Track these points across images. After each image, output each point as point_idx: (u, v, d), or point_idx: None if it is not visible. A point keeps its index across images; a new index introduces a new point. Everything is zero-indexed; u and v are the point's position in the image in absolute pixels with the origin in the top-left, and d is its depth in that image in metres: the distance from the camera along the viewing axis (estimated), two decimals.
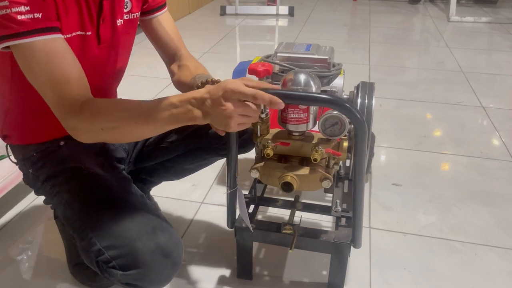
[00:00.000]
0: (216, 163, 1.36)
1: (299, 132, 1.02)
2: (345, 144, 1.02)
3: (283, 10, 4.35)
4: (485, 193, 1.66)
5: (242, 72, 1.28)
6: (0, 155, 1.48)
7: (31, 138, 1.07)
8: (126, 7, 1.04)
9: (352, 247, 1.10)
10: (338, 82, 1.21)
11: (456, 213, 1.55)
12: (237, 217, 1.16)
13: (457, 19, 4.17)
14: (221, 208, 1.54)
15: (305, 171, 1.00)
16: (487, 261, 1.33)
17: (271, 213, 1.52)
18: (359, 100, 1.14)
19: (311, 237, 1.12)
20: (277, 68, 1.17)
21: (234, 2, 4.36)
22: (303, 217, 1.25)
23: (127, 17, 1.05)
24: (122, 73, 1.15)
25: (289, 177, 0.98)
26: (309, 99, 0.87)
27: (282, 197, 1.31)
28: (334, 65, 1.21)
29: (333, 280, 1.19)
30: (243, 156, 1.30)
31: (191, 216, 1.51)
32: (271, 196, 1.36)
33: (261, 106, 0.83)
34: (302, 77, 0.94)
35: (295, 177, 0.99)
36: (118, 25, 1.02)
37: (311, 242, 1.13)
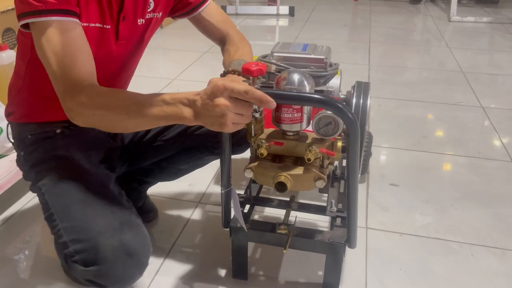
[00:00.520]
0: (213, 163, 1.36)
1: (293, 132, 1.01)
2: (339, 143, 1.01)
3: (284, 10, 4.34)
4: (482, 194, 1.65)
5: None
6: None
7: (32, 117, 1.08)
8: (149, 6, 1.05)
9: (347, 247, 1.10)
10: (334, 82, 1.21)
11: (453, 213, 1.54)
12: (232, 217, 1.16)
13: (458, 19, 4.16)
14: (217, 208, 1.54)
15: (299, 171, 0.99)
16: (483, 262, 1.33)
17: (267, 213, 1.51)
18: (354, 100, 1.13)
19: (306, 237, 1.12)
20: (273, 68, 1.17)
21: (235, 2, 4.35)
22: (298, 217, 1.25)
23: (149, 16, 1.06)
24: (134, 69, 1.17)
25: (283, 177, 0.98)
26: (300, 99, 0.87)
27: (277, 197, 1.30)
28: (330, 65, 1.21)
29: (329, 280, 1.18)
30: (239, 155, 1.30)
31: (187, 216, 1.50)
32: (266, 196, 1.36)
33: (253, 105, 0.82)
34: (295, 77, 0.94)
35: (289, 177, 0.98)
36: (139, 24, 1.03)
37: (306, 242, 1.13)
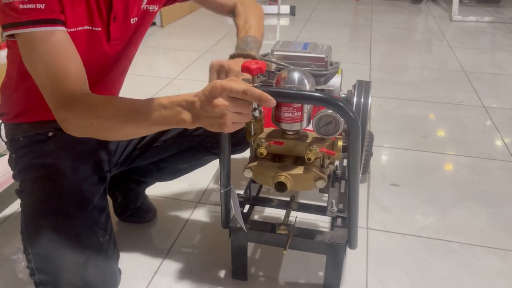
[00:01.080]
0: (213, 162, 1.35)
1: (293, 131, 1.00)
2: (340, 143, 1.00)
3: (285, 9, 4.33)
4: (484, 194, 1.64)
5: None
6: None
7: (25, 117, 1.07)
8: (143, 1, 1.02)
9: (348, 248, 1.09)
10: (335, 81, 1.19)
11: (455, 214, 1.53)
12: (231, 217, 1.15)
13: (459, 18, 4.15)
14: (217, 208, 1.53)
15: (299, 170, 0.98)
16: (485, 263, 1.31)
17: (267, 213, 1.50)
18: (355, 99, 1.12)
19: (306, 237, 1.11)
20: (273, 67, 1.16)
21: None
22: (298, 217, 1.24)
23: (144, 7, 1.03)
24: (128, 66, 1.15)
25: (283, 176, 0.97)
26: (300, 97, 0.86)
27: (277, 197, 1.29)
28: (331, 64, 1.19)
29: (329, 281, 1.17)
30: (239, 155, 1.29)
31: (186, 216, 1.49)
32: (266, 196, 1.34)
33: (252, 104, 0.81)
34: (295, 75, 0.93)
35: (289, 176, 0.97)
36: (132, 23, 1.01)
37: (306, 243, 1.11)
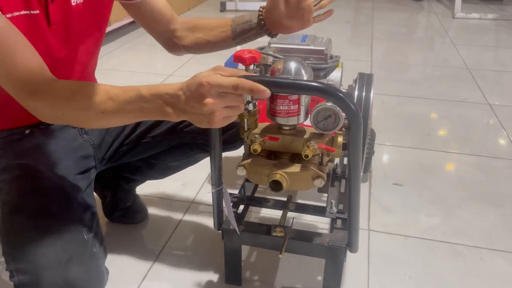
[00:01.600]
0: (207, 160, 1.28)
1: (289, 126, 0.94)
2: (340, 139, 0.94)
3: None
4: (490, 194, 1.58)
5: (234, 65, 1.21)
6: None
7: None
8: None
9: (348, 251, 1.02)
10: (335, 75, 1.14)
11: (460, 215, 1.47)
12: (224, 218, 1.09)
13: (462, 15, 4.11)
14: (211, 208, 1.46)
15: (295, 168, 0.92)
16: (493, 266, 1.26)
17: (263, 214, 1.44)
18: (356, 92, 1.06)
19: (303, 240, 1.05)
20: (270, 60, 1.10)
21: None
22: (296, 218, 1.18)
23: None
24: (93, 58, 1.06)
25: (278, 175, 0.91)
26: (296, 87, 0.79)
27: (273, 197, 1.23)
28: (331, 57, 1.14)
29: (328, 286, 1.11)
30: (234, 153, 1.23)
31: (179, 217, 1.43)
32: (262, 196, 1.28)
33: (244, 96, 0.75)
34: (292, 65, 0.87)
35: (284, 175, 0.91)
36: (73, 4, 0.92)
37: (303, 246, 1.05)
